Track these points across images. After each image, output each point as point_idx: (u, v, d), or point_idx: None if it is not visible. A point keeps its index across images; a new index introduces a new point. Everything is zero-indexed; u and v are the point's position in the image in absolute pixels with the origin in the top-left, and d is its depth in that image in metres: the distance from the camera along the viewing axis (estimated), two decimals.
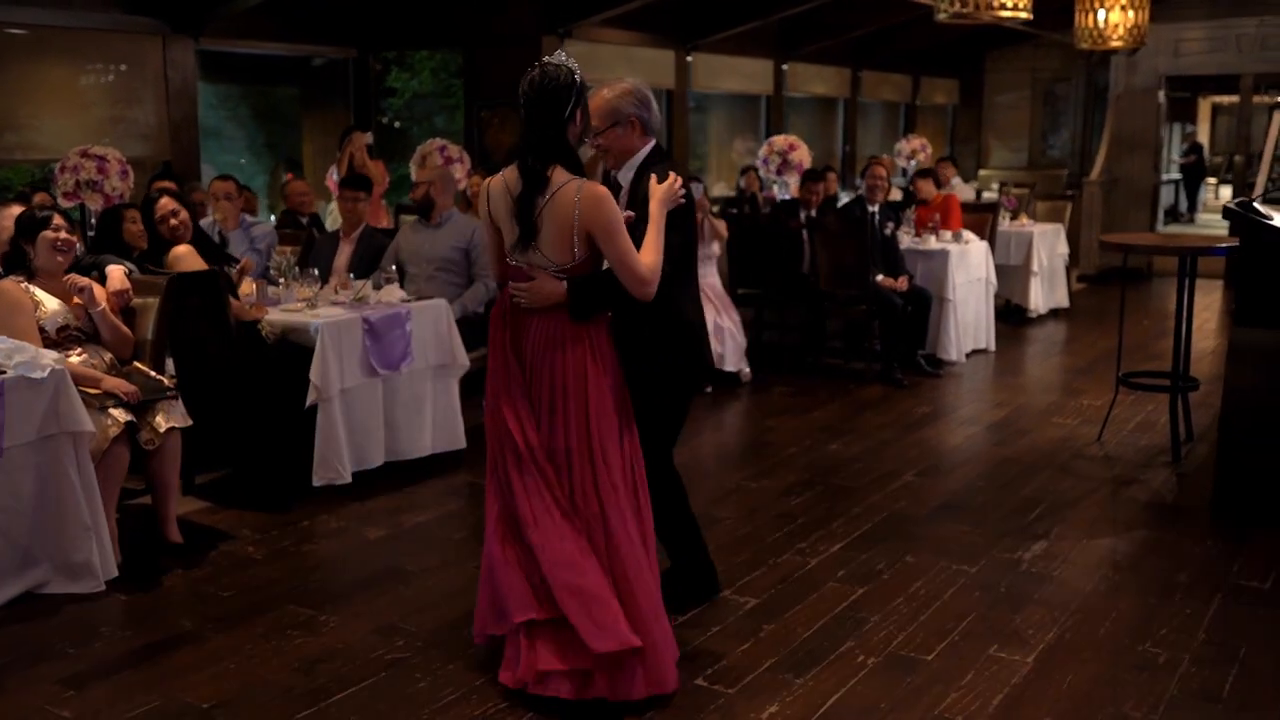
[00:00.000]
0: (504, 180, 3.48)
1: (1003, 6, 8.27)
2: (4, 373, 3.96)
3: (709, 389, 7.33)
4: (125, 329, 4.62)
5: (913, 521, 4.91)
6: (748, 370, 7.74)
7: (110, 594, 4.12)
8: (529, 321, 3.45)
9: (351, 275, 5.89)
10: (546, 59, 3.42)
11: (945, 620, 3.87)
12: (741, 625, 3.85)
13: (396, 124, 13.38)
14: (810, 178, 8.43)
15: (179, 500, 5.05)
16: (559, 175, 3.37)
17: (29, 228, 4.48)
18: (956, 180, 11.60)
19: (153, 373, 4.56)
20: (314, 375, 5.07)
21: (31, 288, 4.47)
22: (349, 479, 5.20)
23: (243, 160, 13.09)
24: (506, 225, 3.48)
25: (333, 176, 8.84)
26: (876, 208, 7.89)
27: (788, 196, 9.14)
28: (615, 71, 11.56)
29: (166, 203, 5.46)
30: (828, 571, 4.33)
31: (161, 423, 4.41)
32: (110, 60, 8.39)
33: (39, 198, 6.36)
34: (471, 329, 6.06)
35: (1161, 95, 13.66)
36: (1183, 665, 3.54)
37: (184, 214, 5.49)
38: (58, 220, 4.57)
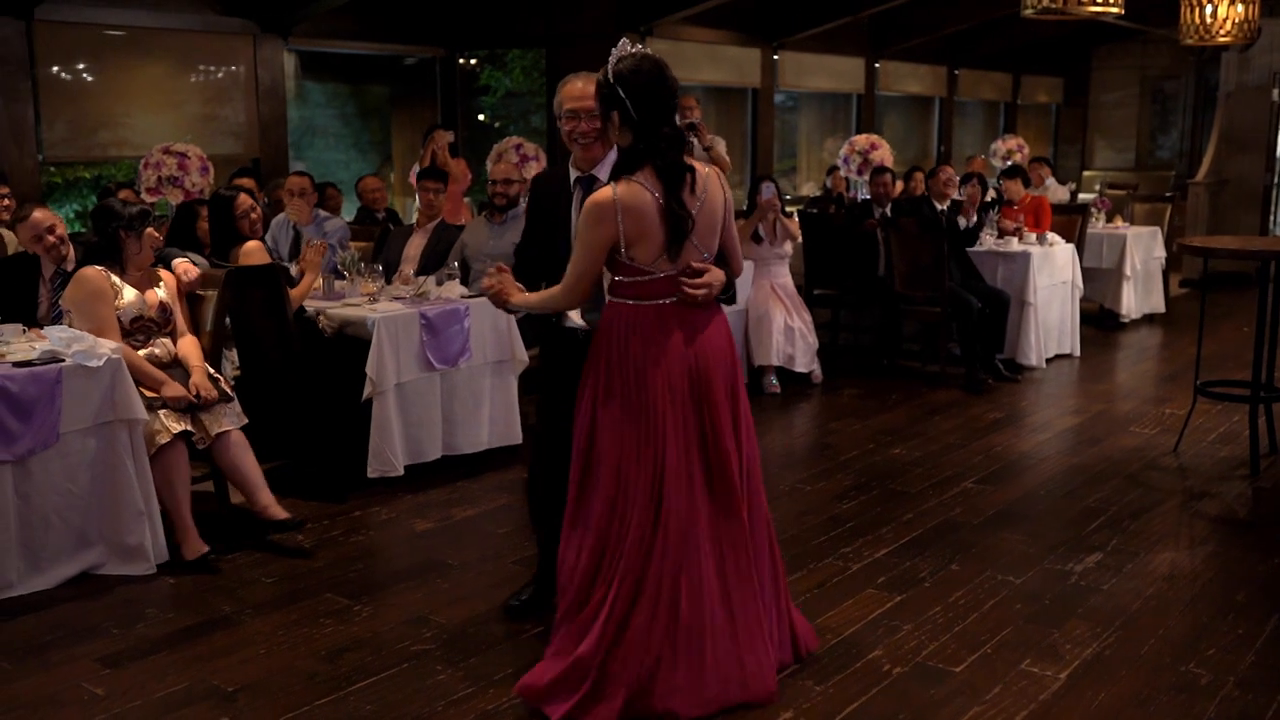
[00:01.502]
0: (642, 187, 3.15)
1: (1092, 1, 7.99)
2: (62, 360, 4.11)
3: (778, 390, 7.27)
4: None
5: (965, 529, 4.78)
6: (819, 371, 7.65)
7: (160, 576, 4.26)
8: (702, 330, 3.28)
9: (412, 272, 5.98)
10: (626, 48, 3.20)
11: (981, 632, 3.77)
12: None
13: (496, 124, 13.52)
14: (878, 172, 8.28)
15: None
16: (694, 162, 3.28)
17: (134, 220, 4.58)
18: (1051, 181, 11.28)
19: (212, 370, 4.67)
20: (370, 369, 5.16)
21: (113, 276, 4.58)
22: (401, 471, 5.27)
23: (348, 158, 13.35)
24: (654, 232, 3.17)
25: (415, 174, 8.99)
26: (945, 206, 7.74)
27: (868, 197, 9.00)
28: (700, 71, 11.53)
29: (244, 199, 5.64)
30: (868, 577, 4.25)
31: (213, 425, 4.51)
32: (202, 60, 8.67)
33: (124, 194, 6.58)
34: (532, 326, 6.09)
35: (1276, 93, 13.07)
36: (1225, 688, 3.38)
37: (259, 210, 5.69)
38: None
